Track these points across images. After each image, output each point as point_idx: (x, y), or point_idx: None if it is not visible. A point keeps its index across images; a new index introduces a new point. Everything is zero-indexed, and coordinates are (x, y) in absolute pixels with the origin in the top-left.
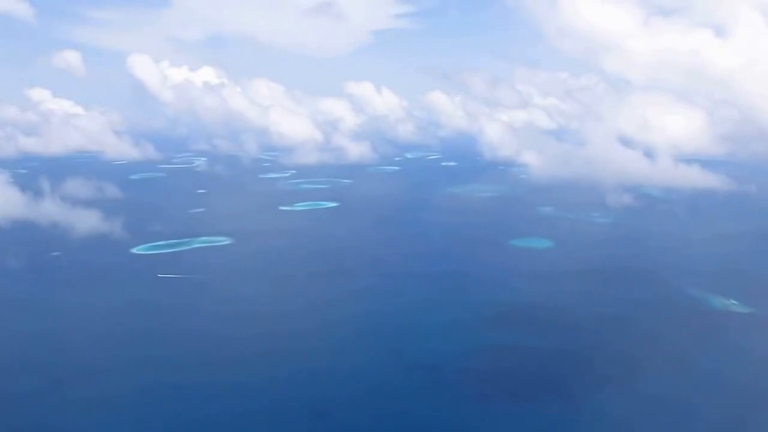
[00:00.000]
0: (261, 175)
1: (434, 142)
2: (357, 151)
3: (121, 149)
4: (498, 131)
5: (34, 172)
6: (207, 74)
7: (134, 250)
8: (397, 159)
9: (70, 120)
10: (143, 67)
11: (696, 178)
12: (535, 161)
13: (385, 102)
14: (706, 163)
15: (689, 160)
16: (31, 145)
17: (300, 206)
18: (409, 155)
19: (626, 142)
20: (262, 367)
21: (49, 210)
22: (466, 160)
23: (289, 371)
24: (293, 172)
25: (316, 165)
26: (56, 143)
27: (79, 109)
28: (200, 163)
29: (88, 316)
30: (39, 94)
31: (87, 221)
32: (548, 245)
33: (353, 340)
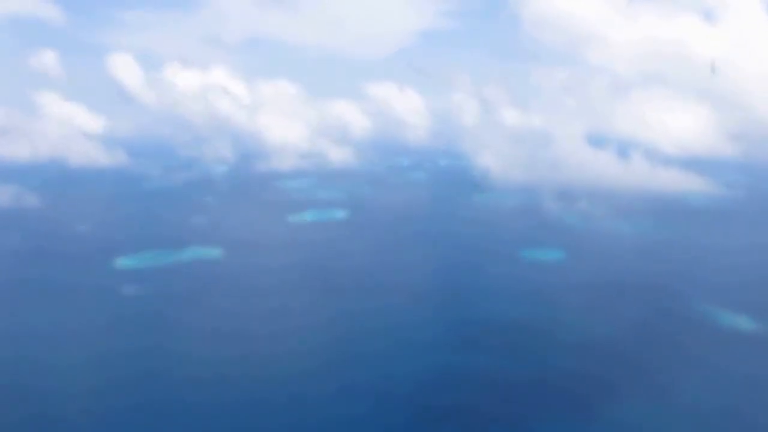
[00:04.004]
0: (278, 182)
1: (457, 147)
2: (377, 156)
3: (126, 159)
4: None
5: (46, 183)
6: (217, 76)
7: (117, 262)
8: (427, 165)
9: (80, 127)
10: (128, 68)
11: (679, 181)
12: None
13: (409, 105)
14: (706, 165)
15: (692, 162)
16: (33, 151)
17: (309, 216)
18: (441, 162)
19: (626, 144)
20: (203, 394)
21: (43, 222)
22: None
23: (228, 400)
24: (313, 179)
25: (340, 172)
26: (63, 152)
27: (89, 116)
28: (217, 170)
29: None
30: (47, 97)
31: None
32: (560, 256)
33: (312, 367)
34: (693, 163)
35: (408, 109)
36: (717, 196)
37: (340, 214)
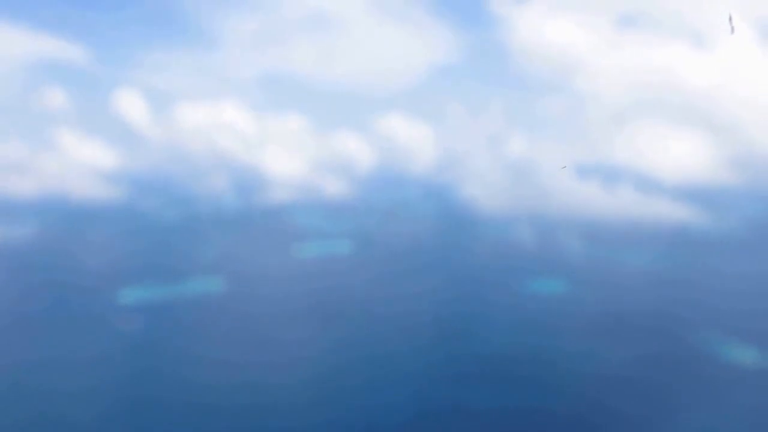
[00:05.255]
0: (283, 215)
1: (462, 180)
2: (384, 189)
3: (133, 194)
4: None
5: (55, 218)
6: (228, 112)
7: (122, 294)
8: (433, 197)
9: (93, 163)
10: (141, 105)
11: (679, 210)
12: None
13: (417, 138)
14: (707, 193)
15: (693, 190)
16: (44, 187)
17: (313, 248)
18: (447, 194)
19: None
20: (200, 423)
21: (49, 256)
22: None
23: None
24: (319, 212)
25: (346, 204)
26: (73, 188)
27: (103, 153)
28: (224, 203)
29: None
30: (63, 136)
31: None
32: (564, 287)
33: (305, 398)
34: (694, 192)
35: (415, 142)
36: (719, 224)
37: (345, 246)
